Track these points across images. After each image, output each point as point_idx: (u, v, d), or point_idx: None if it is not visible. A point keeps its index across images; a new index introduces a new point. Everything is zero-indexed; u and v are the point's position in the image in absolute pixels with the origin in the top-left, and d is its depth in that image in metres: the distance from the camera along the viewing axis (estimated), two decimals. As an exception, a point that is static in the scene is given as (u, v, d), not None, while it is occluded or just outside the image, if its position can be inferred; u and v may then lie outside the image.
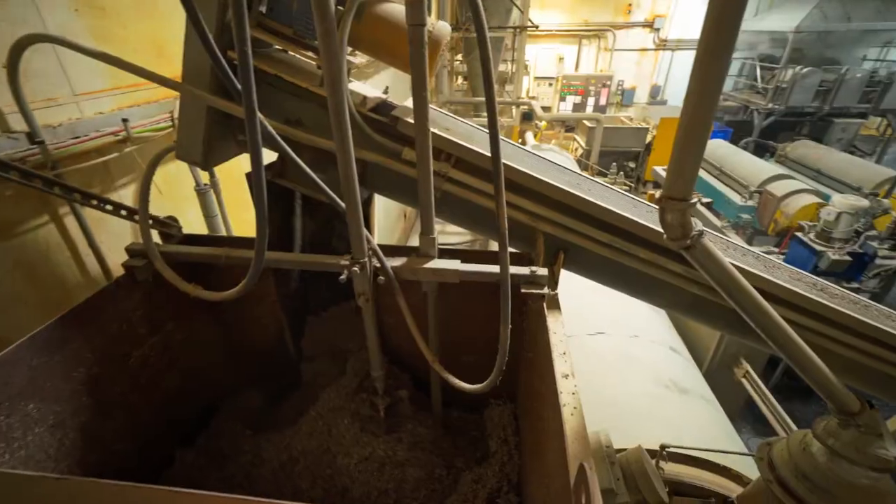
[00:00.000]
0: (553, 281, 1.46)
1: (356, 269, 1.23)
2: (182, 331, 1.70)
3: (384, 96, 1.48)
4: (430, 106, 1.52)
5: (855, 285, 4.52)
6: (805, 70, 10.59)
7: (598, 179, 1.65)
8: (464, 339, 1.70)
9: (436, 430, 1.78)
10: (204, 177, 2.23)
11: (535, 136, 10.81)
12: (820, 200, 4.91)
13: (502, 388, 1.94)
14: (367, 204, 1.73)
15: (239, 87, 0.88)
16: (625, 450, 1.97)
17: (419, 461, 1.64)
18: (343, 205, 1.16)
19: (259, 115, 0.95)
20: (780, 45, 11.72)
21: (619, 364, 2.66)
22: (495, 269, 1.22)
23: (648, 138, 10.81)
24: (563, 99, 15.86)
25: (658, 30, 15.54)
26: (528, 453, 1.55)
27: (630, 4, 15.88)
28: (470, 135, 1.45)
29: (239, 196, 2.54)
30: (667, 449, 2.08)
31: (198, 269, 1.52)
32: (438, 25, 1.26)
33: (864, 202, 4.21)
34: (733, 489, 2.16)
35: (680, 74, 15.60)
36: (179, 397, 1.83)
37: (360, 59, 1.47)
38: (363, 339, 1.56)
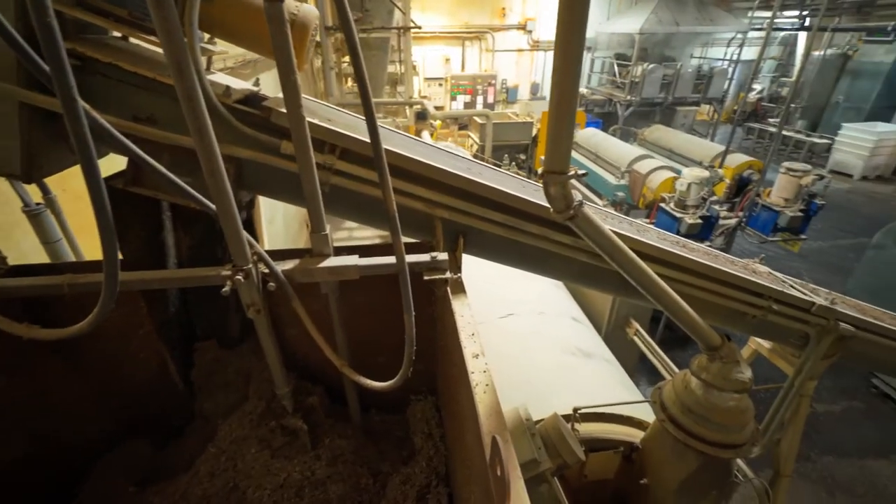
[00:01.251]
0: (456, 265, 1.47)
1: (240, 277, 1.10)
2: (22, 386, 1.38)
3: (254, 88, 1.35)
4: (309, 98, 1.43)
5: (707, 243, 5.40)
6: (651, 66, 12.42)
7: (489, 163, 1.70)
8: (376, 337, 1.64)
9: (357, 438, 1.69)
10: (36, 194, 1.83)
11: (431, 135, 11.00)
12: (675, 174, 5.75)
13: (422, 381, 1.93)
14: (250, 206, 1.57)
15: (48, 70, 0.72)
16: (543, 420, 2.08)
17: (341, 475, 1.54)
18: (214, 207, 1.03)
19: (86, 106, 0.79)
20: (630, 45, 13.50)
21: (529, 341, 2.81)
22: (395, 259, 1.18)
23: (534, 131, 11.67)
24: (454, 98, 16.46)
25: (531, 32, 16.83)
26: (452, 441, 1.55)
27: (504, 8, 16.96)
28: (355, 125, 1.39)
29: (91, 215, 2.15)
30: (579, 411, 2.24)
31: (33, 305, 1.24)
32: (304, 8, 1.18)
33: (706, 173, 5.07)
34: (638, 435, 2.41)
35: (554, 72, 17.04)
36: (33, 467, 1.49)
37: (221, 47, 1.32)
38: (265, 357, 1.42)
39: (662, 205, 5.46)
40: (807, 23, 13.70)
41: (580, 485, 2.33)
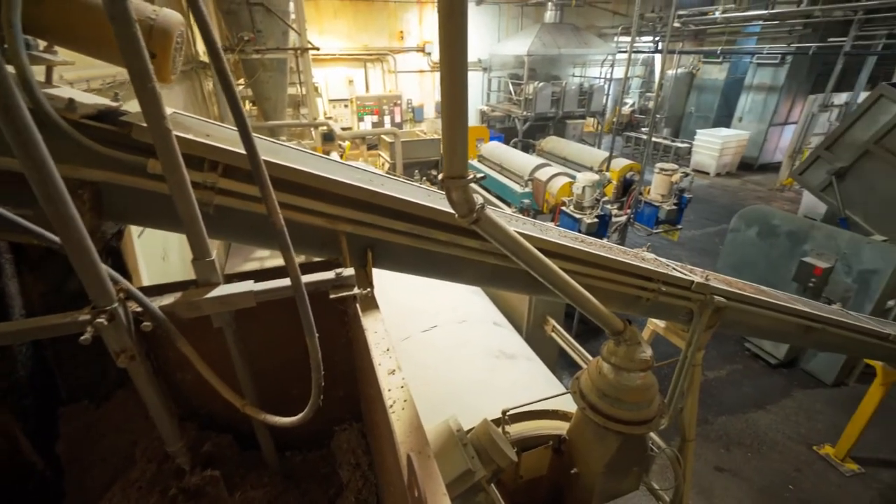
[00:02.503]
0: (366, 281, 1.41)
1: (102, 320, 0.93)
2: None
3: (113, 103, 1.18)
4: (182, 112, 1.28)
5: (605, 239, 5.96)
6: (541, 84, 13.60)
7: (393, 176, 1.67)
8: (291, 368, 1.49)
9: (274, 485, 1.52)
10: None
11: (341, 156, 10.78)
12: (571, 180, 6.27)
13: (345, 409, 1.80)
14: (118, 238, 1.36)
15: None
16: (474, 428, 2.07)
17: (259, 531, 1.37)
18: (58, 240, 0.86)
19: None
20: (521, 65, 14.65)
21: (455, 350, 2.81)
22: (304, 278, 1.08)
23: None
24: (361, 119, 16.40)
25: (430, 54, 17.43)
26: (379, 467, 1.46)
27: (401, 31, 17.40)
28: (237, 141, 1.27)
29: None
30: (508, 413, 2.28)
31: None
32: (164, 12, 1.06)
33: (596, 176, 5.64)
34: (565, 427, 2.51)
35: (456, 92, 17.78)
36: None
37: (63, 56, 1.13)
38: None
39: (563, 208, 5.92)
40: (659, 46, 16.04)
41: (516, 486, 2.36)
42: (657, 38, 15.83)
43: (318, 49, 11.48)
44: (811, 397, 5.81)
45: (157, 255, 4.49)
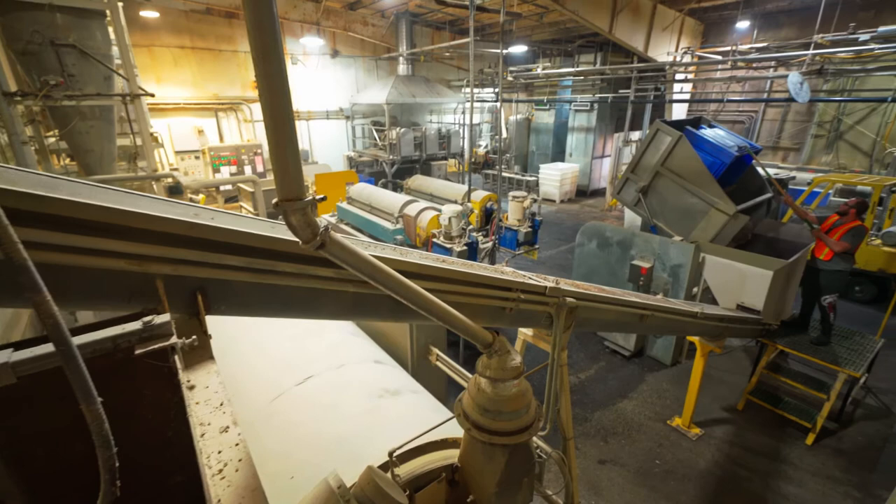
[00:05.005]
0: (200, 329, 1.20)
1: None
2: None
3: None
4: None
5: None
6: (403, 130, 14.35)
7: (225, 210, 1.50)
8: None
9: None
10: None
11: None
12: (439, 212, 6.58)
13: (190, 498, 1.47)
14: None
15: None
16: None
17: None
18: None
19: None
20: (382, 113, 15.31)
21: (333, 399, 2.58)
22: (81, 337, 0.85)
23: (318, 197, 11.63)
24: (217, 170, 15.07)
25: (289, 102, 17.11)
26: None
27: (255, 81, 16.81)
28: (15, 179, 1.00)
29: None
30: (395, 453, 2.13)
31: None
32: None
33: (459, 207, 6.04)
34: (456, 454, 2.45)
35: (320, 139, 17.68)
36: None
37: None
38: None
39: (434, 240, 6.16)
40: (501, 96, 18.45)
41: (416, 532, 2.19)
42: (496, 90, 18.16)
43: (152, 95, 10.36)
44: (658, 379, 6.83)
45: None
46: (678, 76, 14.92)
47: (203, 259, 1.17)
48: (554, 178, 17.42)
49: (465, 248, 5.95)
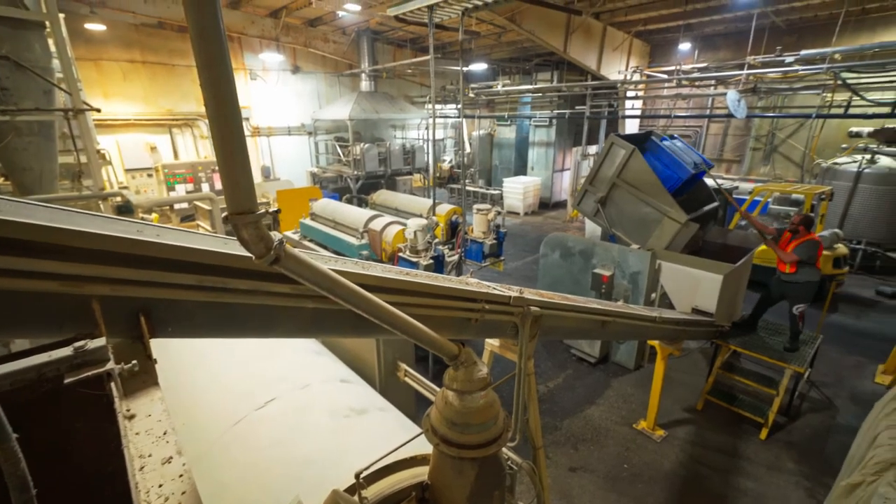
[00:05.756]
0: (145, 354, 1.12)
1: None
2: None
3: None
4: None
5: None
6: (367, 146, 14.33)
7: (175, 227, 1.43)
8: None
9: None
10: None
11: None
12: (404, 226, 6.56)
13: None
14: None
15: None
16: (323, 504, 1.80)
17: None
18: None
19: None
20: (345, 129, 15.23)
21: (297, 421, 2.47)
22: None
23: (272, 210, 11.34)
24: (172, 188, 14.46)
25: (248, 119, 16.70)
26: None
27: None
28: None
29: None
30: (362, 475, 2.06)
31: None
32: None
33: (425, 221, 6.06)
34: (425, 471, 2.40)
35: (282, 156, 17.33)
36: None
37: None
38: None
39: (400, 254, 6.12)
40: (462, 112, 18.83)
41: (386, 557, 2.11)
42: (458, 106, 18.54)
43: (98, 111, 9.87)
44: (623, 384, 7.01)
45: None
46: (629, 93, 15.79)
47: (147, 278, 1.11)
48: (517, 191, 17.84)
49: (431, 261, 5.95)
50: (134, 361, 0.98)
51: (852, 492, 2.52)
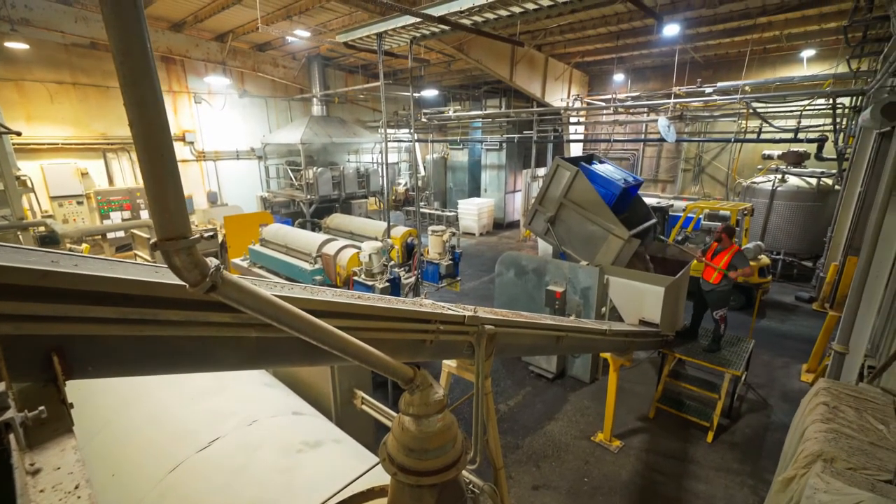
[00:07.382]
0: (59, 398, 1.01)
1: None
2: None
3: None
4: None
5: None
6: (320, 170, 14.11)
7: (99, 256, 1.32)
8: None
9: None
10: None
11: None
12: (359, 249, 6.46)
13: None
14: None
15: None
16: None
17: None
18: None
19: None
20: (297, 153, 14.95)
21: (242, 461, 2.30)
22: None
23: (220, 238, 10.80)
24: (106, 216, 13.42)
25: (192, 143, 15.99)
26: None
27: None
28: None
29: None
30: (315, 513, 1.94)
31: None
32: None
33: (379, 244, 6.00)
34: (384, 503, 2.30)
35: (230, 180, 16.67)
36: None
37: None
38: None
39: (355, 278, 5.99)
40: (415, 137, 19.12)
41: None
42: (411, 130, 18.84)
43: (18, 134, 9.10)
44: (580, 397, 7.16)
45: None
46: (572, 119, 16.77)
47: (60, 313, 1.01)
48: (472, 212, 18.19)
49: (387, 284, 5.88)
50: (41, 408, 0.88)
51: (788, 486, 2.69)
